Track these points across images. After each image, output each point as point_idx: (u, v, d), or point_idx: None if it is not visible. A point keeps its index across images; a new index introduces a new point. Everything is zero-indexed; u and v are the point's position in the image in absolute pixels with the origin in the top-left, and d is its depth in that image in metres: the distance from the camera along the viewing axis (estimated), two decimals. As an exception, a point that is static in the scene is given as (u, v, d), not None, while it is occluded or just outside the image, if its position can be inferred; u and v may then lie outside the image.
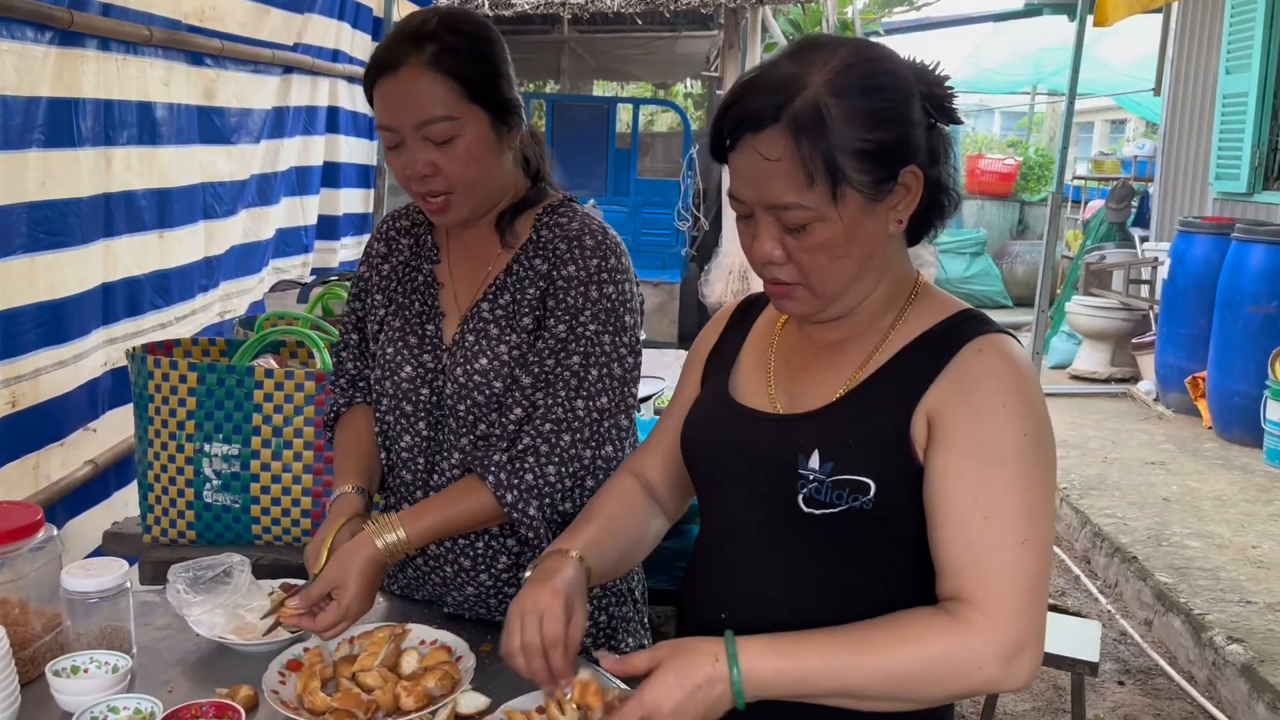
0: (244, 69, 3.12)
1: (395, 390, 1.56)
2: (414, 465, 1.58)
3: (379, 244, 1.67)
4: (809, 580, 1.17)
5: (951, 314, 1.18)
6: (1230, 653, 3.28)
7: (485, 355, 1.49)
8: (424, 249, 1.62)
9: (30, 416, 2.18)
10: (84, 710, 1.26)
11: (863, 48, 1.13)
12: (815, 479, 1.13)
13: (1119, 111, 15.34)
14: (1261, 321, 5.35)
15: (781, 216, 1.11)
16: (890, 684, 1.07)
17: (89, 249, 2.34)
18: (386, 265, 1.64)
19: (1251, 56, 6.29)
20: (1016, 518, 1.07)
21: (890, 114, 1.09)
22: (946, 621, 1.07)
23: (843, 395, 1.17)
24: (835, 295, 1.16)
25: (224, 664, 1.45)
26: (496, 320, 1.51)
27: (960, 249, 11.72)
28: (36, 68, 2.10)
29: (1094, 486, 4.95)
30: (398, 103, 1.42)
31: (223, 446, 2.07)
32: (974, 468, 1.08)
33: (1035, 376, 1.14)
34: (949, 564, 1.09)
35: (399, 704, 1.29)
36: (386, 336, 1.58)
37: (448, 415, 1.53)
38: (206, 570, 1.51)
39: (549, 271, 1.50)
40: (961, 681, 1.06)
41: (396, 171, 1.48)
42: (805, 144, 1.07)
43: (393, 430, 1.59)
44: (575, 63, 11.26)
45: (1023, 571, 1.06)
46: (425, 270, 1.60)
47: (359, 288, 1.68)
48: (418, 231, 1.64)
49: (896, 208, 1.13)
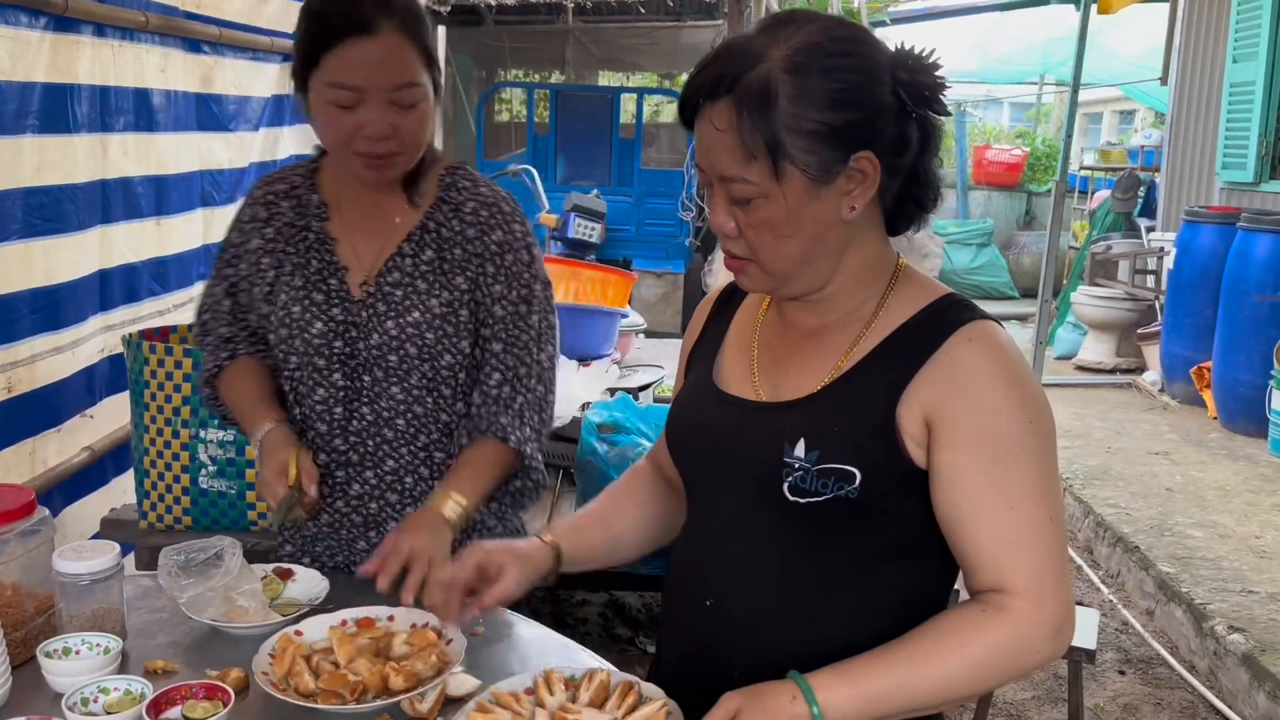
0: (242, 56, 3.11)
1: (306, 347, 1.60)
2: (329, 416, 1.63)
3: (257, 209, 1.68)
4: (794, 568, 1.17)
5: (934, 299, 1.17)
6: (1231, 642, 3.27)
7: (417, 309, 1.58)
8: (310, 208, 1.65)
9: (27, 402, 2.18)
10: (74, 691, 1.26)
11: (833, 26, 1.10)
12: (801, 468, 1.12)
13: (1128, 102, 15.25)
14: (1267, 311, 5.33)
15: (729, 189, 1.11)
16: (959, 686, 1.10)
17: (85, 235, 2.34)
18: (269, 229, 1.66)
19: (1259, 45, 6.25)
20: (1038, 502, 1.09)
21: (846, 97, 1.07)
22: (997, 615, 1.09)
23: (827, 383, 1.16)
24: (785, 274, 1.15)
25: (215, 647, 1.44)
26: (423, 275, 1.59)
27: (967, 240, 11.69)
28: (31, 53, 2.10)
29: (1097, 477, 4.93)
30: (373, 65, 1.46)
31: (217, 433, 2.08)
32: (989, 463, 1.09)
33: (1024, 360, 1.14)
34: (983, 558, 1.10)
35: (388, 685, 1.29)
36: (289, 296, 1.61)
37: (370, 365, 1.59)
38: (198, 553, 1.51)
39: (477, 237, 1.60)
40: (1024, 666, 1.11)
41: (340, 131, 1.49)
42: (747, 118, 1.06)
43: (304, 385, 1.63)
44: (580, 53, 11.25)
45: (1053, 550, 1.10)
46: (315, 228, 1.64)
47: (231, 254, 1.69)
48: (299, 193, 1.67)
49: (850, 193, 1.11)
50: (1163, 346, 6.40)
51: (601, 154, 8.65)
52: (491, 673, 1.35)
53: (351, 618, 1.46)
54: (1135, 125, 15.56)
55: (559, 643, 1.50)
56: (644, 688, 1.23)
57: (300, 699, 1.27)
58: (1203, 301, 5.91)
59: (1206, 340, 5.81)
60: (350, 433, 1.63)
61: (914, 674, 1.08)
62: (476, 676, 1.34)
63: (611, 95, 9.28)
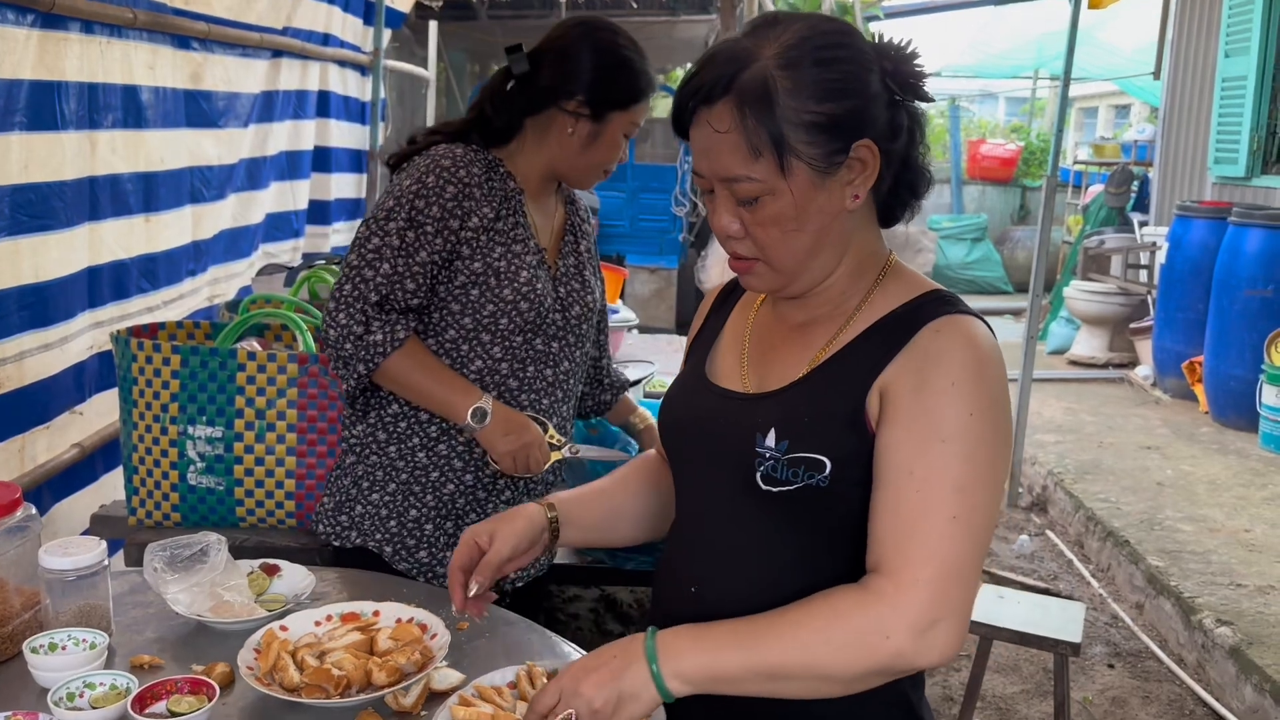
0: (231, 52, 3.11)
1: (533, 310, 1.80)
2: (523, 374, 1.84)
3: (471, 188, 1.74)
4: (771, 556, 1.18)
5: (918, 294, 1.18)
6: (1219, 635, 3.28)
7: (595, 288, 1.97)
8: (511, 195, 1.83)
9: (16, 399, 2.18)
10: (61, 686, 1.27)
11: (818, 22, 1.13)
12: (771, 457, 1.13)
13: (1123, 96, 15.26)
14: (1258, 306, 5.35)
15: (734, 189, 1.12)
16: (802, 658, 1.07)
17: (73, 232, 2.34)
18: (487, 207, 1.78)
19: (1250, 40, 6.27)
20: (949, 493, 1.06)
21: (841, 86, 1.09)
22: (857, 593, 1.07)
23: (804, 374, 1.17)
24: (794, 269, 1.16)
25: (201, 642, 1.45)
26: (587, 262, 1.97)
27: (961, 234, 11.71)
28: (18, 50, 2.10)
29: (1089, 471, 4.95)
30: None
31: (206, 429, 2.08)
32: (915, 442, 1.08)
33: (994, 358, 1.12)
34: (876, 534, 1.09)
35: (371, 679, 1.30)
36: (519, 264, 1.79)
37: (566, 331, 1.88)
38: (183, 549, 1.52)
39: (586, 230, 2.01)
40: (870, 652, 1.05)
41: (593, 163, 1.87)
42: (750, 116, 1.08)
43: (517, 351, 1.82)
44: (573, 48, 11.21)
45: (947, 546, 1.05)
46: (521, 212, 1.84)
47: (432, 229, 1.72)
48: (494, 180, 1.81)
49: (853, 183, 1.13)
50: (1155, 341, 6.42)
51: (595, 150, 8.63)
52: (475, 667, 1.36)
53: (336, 613, 1.47)
54: (1130, 120, 15.57)
55: (542, 637, 1.51)
56: None
57: (285, 693, 1.28)
58: (1194, 296, 5.92)
59: (1198, 335, 5.83)
60: (534, 390, 1.86)
61: (766, 643, 1.07)
62: (460, 671, 1.35)
63: (605, 90, 9.25)
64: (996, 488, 1.10)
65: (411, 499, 1.82)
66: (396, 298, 1.72)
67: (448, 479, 1.83)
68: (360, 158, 4.55)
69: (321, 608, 1.49)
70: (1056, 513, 4.83)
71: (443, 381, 1.76)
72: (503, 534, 1.28)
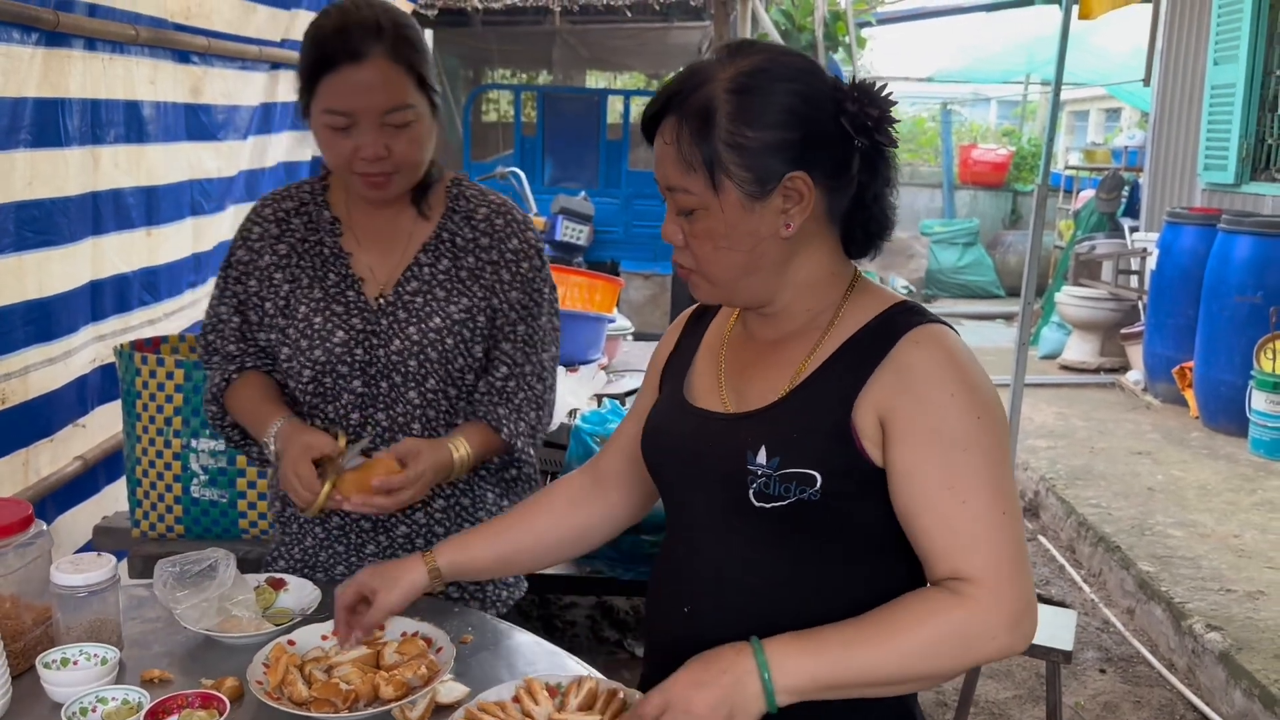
0: (231, 66, 3.14)
1: (328, 355, 1.66)
2: (346, 421, 1.69)
3: (267, 226, 1.72)
4: (764, 571, 1.21)
5: (887, 307, 1.22)
6: (1209, 640, 3.32)
7: (438, 315, 1.65)
8: (322, 224, 1.71)
9: (20, 413, 2.21)
10: (73, 701, 1.30)
11: (780, 55, 1.18)
12: (764, 474, 1.17)
13: (1114, 100, 15.34)
14: (1247, 312, 5.39)
15: (676, 199, 1.19)
16: (913, 664, 1.11)
17: (77, 247, 2.37)
18: (282, 245, 1.71)
19: (1239, 48, 6.32)
20: (991, 496, 1.12)
21: (781, 118, 1.14)
22: (954, 599, 1.11)
23: (787, 392, 1.21)
24: (727, 284, 1.22)
25: (210, 657, 1.48)
26: (441, 283, 1.67)
27: (953, 239, 11.76)
28: (23, 69, 2.13)
29: (1080, 476, 4.99)
30: (361, 91, 1.53)
31: (209, 442, 2.11)
32: (938, 458, 1.12)
33: (974, 360, 1.18)
34: (938, 551, 1.13)
35: (378, 693, 1.33)
36: (310, 308, 1.67)
37: (390, 371, 1.66)
38: (193, 565, 1.54)
39: (490, 245, 1.69)
40: (978, 653, 1.12)
41: (339, 153, 1.57)
42: (687, 131, 1.14)
43: (327, 393, 1.68)
44: (567, 54, 11.26)
45: (1009, 542, 1.12)
46: (329, 243, 1.70)
47: (240, 271, 1.73)
48: (308, 210, 1.72)
49: (787, 211, 1.17)
50: (1145, 346, 6.46)
51: (589, 156, 8.67)
52: (480, 680, 1.39)
53: (343, 627, 1.50)
54: (1121, 124, 15.65)
55: (547, 650, 1.54)
56: (628, 694, 1.27)
57: (294, 707, 1.30)
58: (1184, 302, 5.98)
59: (1188, 340, 5.88)
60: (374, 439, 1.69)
61: (869, 650, 1.11)
62: (465, 683, 1.38)
63: (598, 97, 9.31)
64: (1012, 473, 1.19)
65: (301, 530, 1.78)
66: (213, 342, 1.76)
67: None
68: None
69: (328, 622, 1.51)
70: (1048, 518, 4.88)
71: (251, 413, 1.70)
72: (384, 601, 1.40)
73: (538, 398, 1.73)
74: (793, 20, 10.50)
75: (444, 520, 1.74)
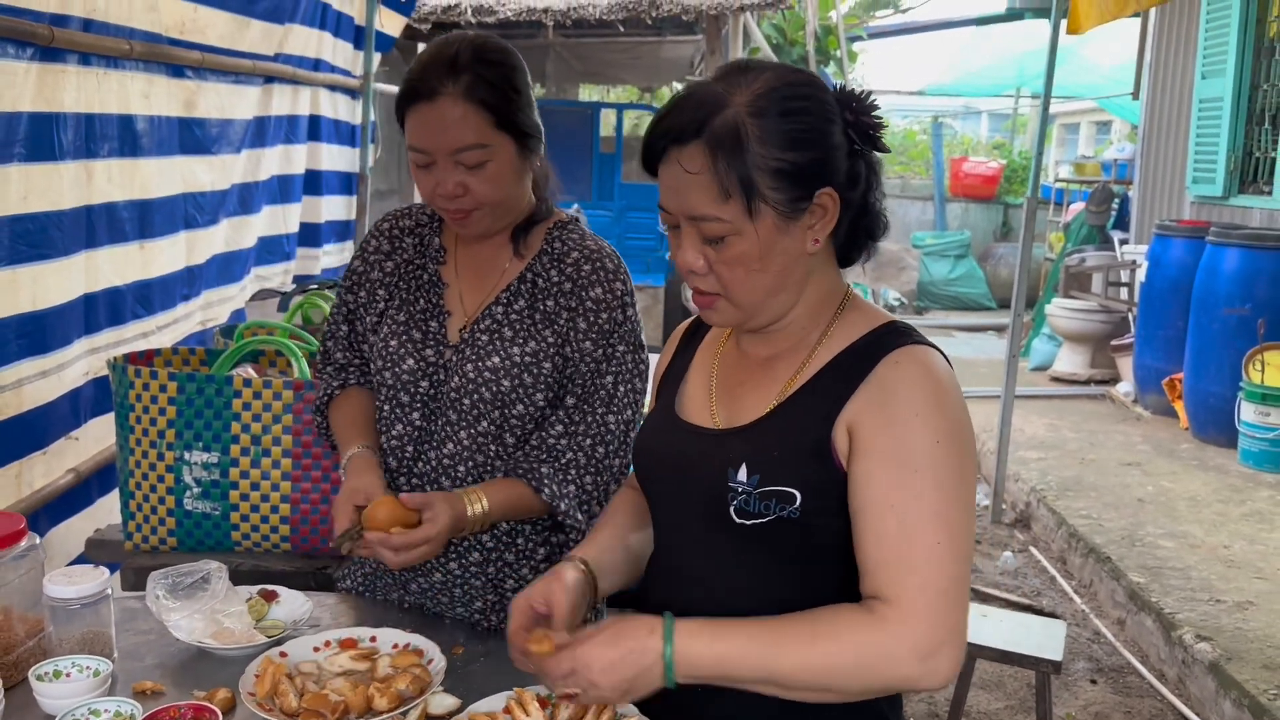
0: (224, 80, 3.15)
1: (395, 381, 1.65)
2: (401, 453, 1.68)
3: (381, 241, 1.75)
4: (745, 585, 1.23)
5: (875, 326, 1.23)
6: (1199, 651, 3.34)
7: (498, 354, 1.60)
8: (430, 250, 1.72)
9: (13, 425, 2.21)
10: (66, 713, 1.30)
11: (786, 73, 1.18)
12: (744, 491, 1.18)
13: (1105, 114, 15.46)
14: (1236, 324, 5.43)
15: (701, 227, 1.17)
16: (809, 674, 1.11)
17: (71, 260, 2.38)
18: (390, 262, 1.73)
19: (1226, 61, 6.38)
20: (930, 522, 1.11)
21: (807, 137, 1.15)
22: (866, 618, 1.11)
23: (772, 409, 1.22)
24: (754, 307, 1.21)
25: (202, 668, 1.48)
26: (510, 324, 1.62)
27: (944, 251, 11.82)
28: (18, 84, 2.14)
29: (1070, 488, 5.02)
30: (433, 129, 1.52)
31: (202, 455, 2.11)
32: (889, 474, 1.13)
33: (952, 386, 1.18)
34: (868, 565, 1.14)
35: (371, 705, 1.34)
36: (390, 330, 1.67)
37: (447, 408, 1.62)
38: (185, 576, 1.55)
39: (573, 290, 1.62)
40: (879, 676, 1.10)
41: (425, 188, 1.58)
42: (721, 160, 1.13)
43: (387, 419, 1.68)
44: (561, 67, 11.30)
45: (937, 572, 1.10)
46: (430, 270, 1.70)
47: (353, 281, 1.76)
48: (423, 232, 1.74)
49: (813, 227, 1.18)
50: (1136, 358, 6.50)
51: (582, 168, 8.72)
52: (470, 691, 1.40)
53: (335, 638, 1.51)
54: (1111, 137, 15.76)
55: (538, 661, 1.54)
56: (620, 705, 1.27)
57: (284, 718, 1.31)
58: (1174, 314, 6.01)
59: (1178, 352, 5.91)
60: (415, 474, 1.67)
61: (770, 648, 1.11)
62: (455, 695, 1.38)
63: (591, 110, 9.37)
64: (970, 508, 1.16)
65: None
66: (330, 350, 1.79)
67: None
68: (350, 180, 4.59)
69: (320, 634, 1.52)
70: (1039, 529, 4.89)
71: (340, 440, 1.72)
72: (557, 596, 1.27)
73: (595, 462, 1.61)
74: (784, 34, 10.56)
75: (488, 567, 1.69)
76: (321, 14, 3.93)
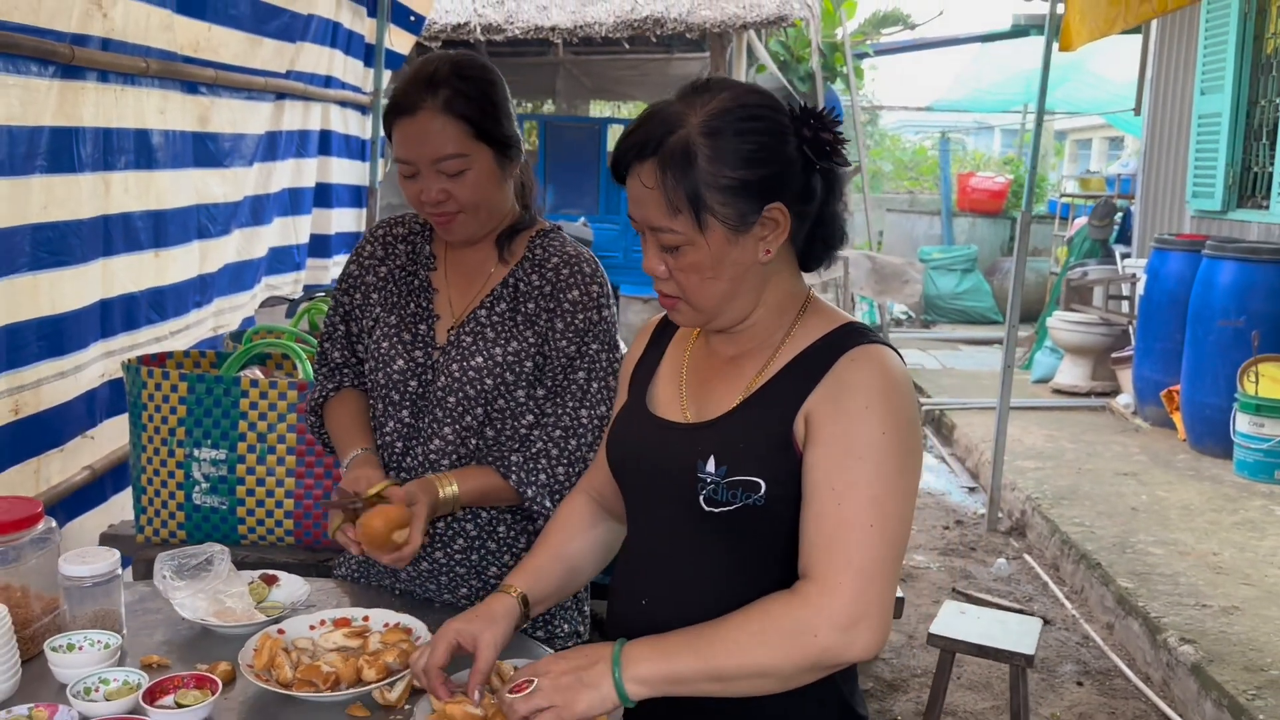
0: (237, 96, 3.28)
1: (386, 381, 1.76)
2: (391, 449, 1.78)
3: (375, 247, 1.85)
4: (714, 570, 1.32)
5: (836, 327, 1.32)
6: (1182, 653, 3.41)
7: (481, 354, 1.71)
8: (421, 256, 1.82)
9: (32, 424, 2.32)
10: (77, 681, 1.40)
11: (743, 93, 1.26)
12: (712, 481, 1.27)
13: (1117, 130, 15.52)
14: (1231, 336, 5.49)
15: (659, 237, 1.27)
16: (743, 660, 1.19)
17: (88, 267, 2.49)
18: (384, 267, 1.83)
19: (1224, 78, 6.46)
20: (865, 505, 1.20)
21: (758, 155, 1.23)
22: (789, 597, 1.21)
23: (738, 404, 1.31)
24: (712, 310, 1.30)
25: (206, 644, 1.58)
26: (493, 325, 1.73)
27: (951, 265, 11.89)
28: (40, 100, 2.26)
29: (1065, 496, 5.08)
30: (415, 141, 1.64)
31: (211, 452, 2.22)
32: (835, 461, 1.21)
33: (904, 383, 1.27)
34: (804, 546, 1.23)
35: (360, 675, 1.44)
36: (381, 332, 1.78)
37: (433, 406, 1.73)
38: (190, 558, 1.66)
39: (552, 293, 1.72)
40: (802, 650, 1.18)
41: (410, 195, 1.70)
42: (671, 177, 1.22)
43: (379, 417, 1.79)
44: (570, 84, 11.45)
45: (865, 551, 1.19)
46: (421, 276, 1.81)
47: (348, 284, 1.86)
48: (415, 240, 1.84)
49: (765, 239, 1.27)
50: (1135, 370, 6.56)
51: (589, 183, 8.84)
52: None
53: (329, 618, 1.61)
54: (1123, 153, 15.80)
55: (518, 639, 1.64)
56: None
57: (279, 688, 1.41)
58: (1172, 327, 6.07)
59: (1176, 364, 5.97)
60: (404, 468, 1.77)
61: (712, 644, 1.20)
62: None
63: (599, 126, 9.50)
64: (909, 497, 1.24)
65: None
66: (327, 350, 1.89)
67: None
68: (360, 193, 4.72)
69: (316, 614, 1.63)
70: (1034, 537, 4.96)
71: (337, 435, 1.82)
72: (489, 641, 1.35)
73: (568, 454, 1.71)
74: (791, 51, 10.68)
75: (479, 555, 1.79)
76: (333, 32, 4.06)
